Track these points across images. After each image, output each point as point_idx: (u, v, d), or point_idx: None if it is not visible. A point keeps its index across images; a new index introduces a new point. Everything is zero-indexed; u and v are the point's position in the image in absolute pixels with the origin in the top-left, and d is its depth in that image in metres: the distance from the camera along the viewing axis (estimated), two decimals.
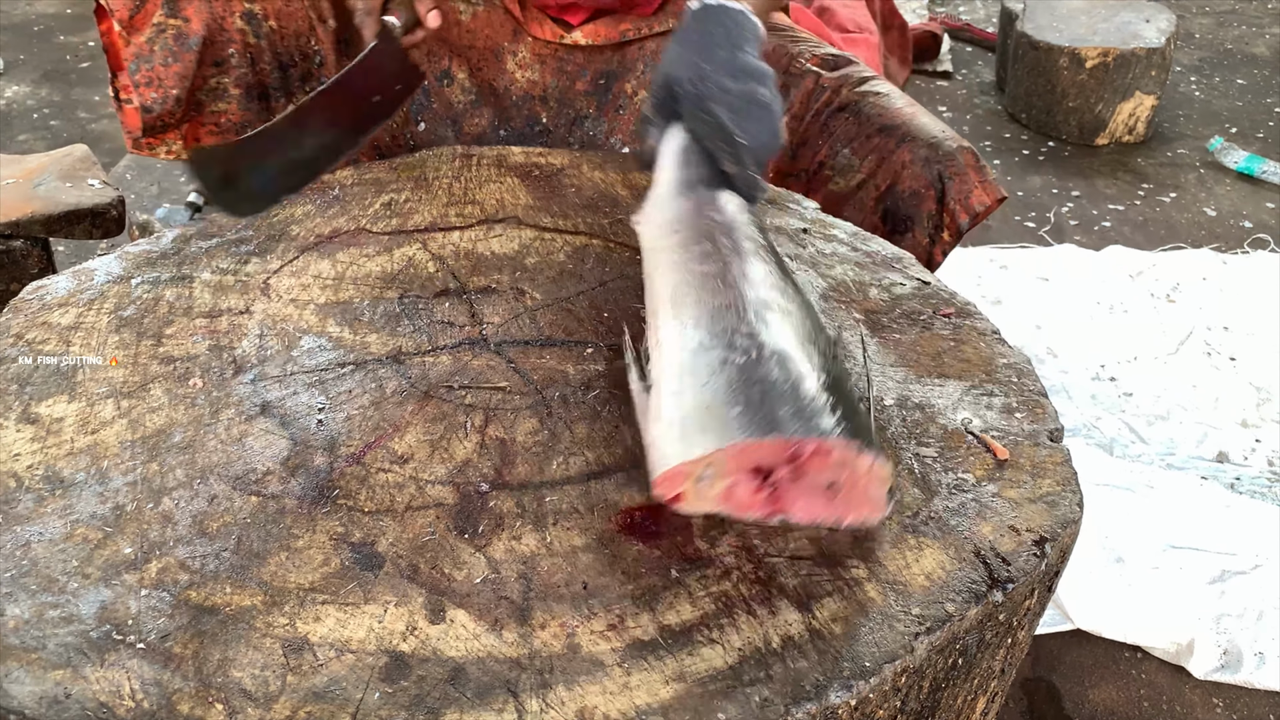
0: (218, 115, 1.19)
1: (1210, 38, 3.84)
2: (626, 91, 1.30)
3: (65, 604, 0.60)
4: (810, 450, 0.65)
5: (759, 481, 0.67)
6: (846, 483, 0.66)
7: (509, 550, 0.65)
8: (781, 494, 0.67)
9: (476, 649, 0.59)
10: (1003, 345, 0.88)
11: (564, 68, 1.30)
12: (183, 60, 1.13)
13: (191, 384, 0.78)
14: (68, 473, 0.69)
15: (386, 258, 0.95)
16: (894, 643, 0.60)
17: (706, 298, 0.76)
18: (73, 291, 0.88)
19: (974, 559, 0.66)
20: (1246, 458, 1.73)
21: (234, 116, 1.19)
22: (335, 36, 1.22)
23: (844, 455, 0.65)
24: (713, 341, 0.71)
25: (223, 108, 1.19)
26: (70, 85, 3.20)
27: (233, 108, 1.19)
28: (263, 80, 1.19)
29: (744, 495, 0.67)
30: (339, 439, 0.73)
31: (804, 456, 0.65)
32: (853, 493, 0.67)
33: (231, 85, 1.18)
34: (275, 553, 0.64)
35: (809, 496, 0.67)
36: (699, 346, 0.71)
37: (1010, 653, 0.72)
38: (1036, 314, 2.10)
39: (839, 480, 0.66)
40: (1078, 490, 0.73)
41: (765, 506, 0.67)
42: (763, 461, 0.66)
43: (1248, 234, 2.51)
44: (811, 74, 1.27)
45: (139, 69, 1.13)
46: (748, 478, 0.66)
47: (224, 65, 1.17)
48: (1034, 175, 2.81)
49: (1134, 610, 1.38)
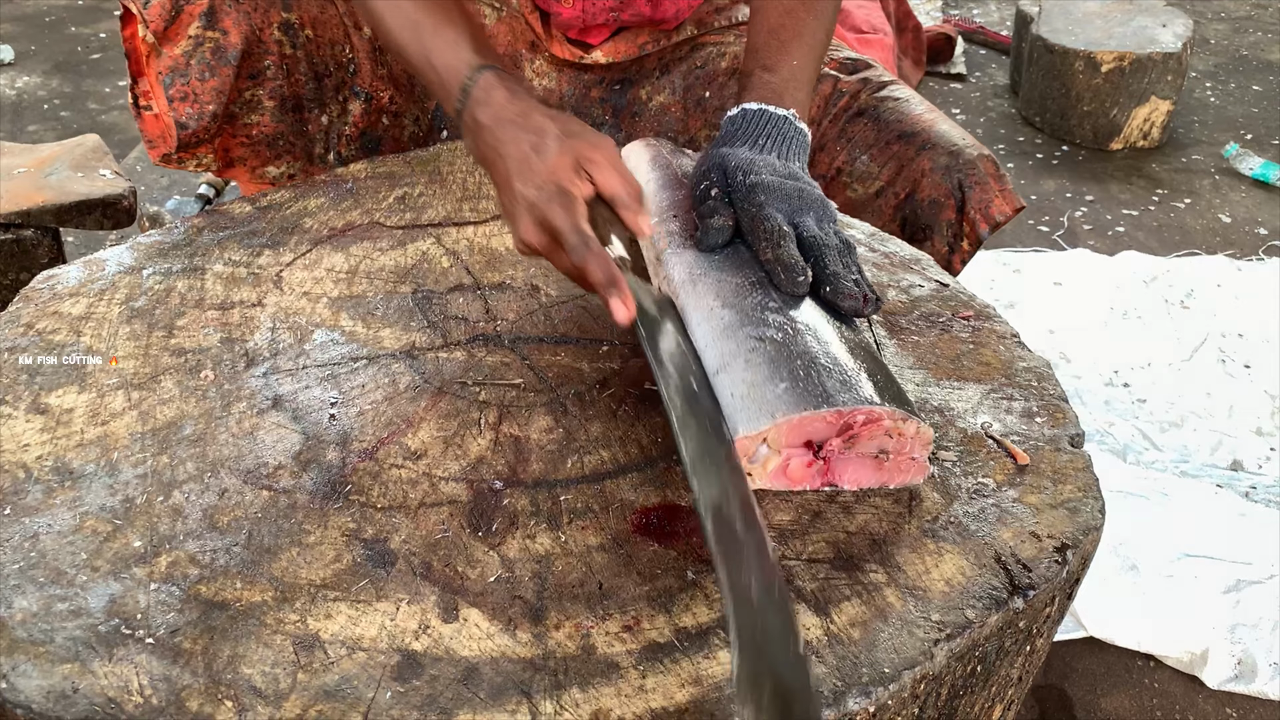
0: (250, 127, 1.15)
1: (1226, 43, 3.82)
2: (642, 98, 1.29)
3: (74, 597, 0.59)
4: (862, 420, 0.66)
5: (811, 455, 0.68)
6: (895, 449, 0.69)
7: (523, 549, 0.64)
8: (833, 464, 0.69)
9: (490, 649, 0.58)
10: (1022, 349, 0.87)
11: (580, 76, 1.29)
12: (220, 75, 1.09)
13: (203, 376, 0.77)
14: (77, 464, 0.69)
15: (400, 252, 0.94)
16: (913, 649, 0.59)
17: (727, 276, 0.76)
18: (84, 281, 0.88)
19: (994, 565, 0.65)
20: (1261, 466, 1.71)
21: (267, 129, 1.16)
22: (370, 44, 1.19)
23: (893, 422, 0.67)
24: (744, 319, 0.72)
25: (255, 120, 1.15)
26: (81, 76, 3.20)
27: (265, 119, 1.15)
28: (297, 91, 1.16)
29: (798, 469, 0.68)
30: (352, 434, 0.73)
31: (856, 426, 0.67)
32: (900, 458, 0.69)
33: (266, 97, 1.14)
34: (286, 548, 0.63)
35: (859, 464, 0.69)
36: (731, 325, 0.71)
37: (1028, 660, 0.71)
38: (1049, 319, 2.09)
39: (888, 447, 0.68)
40: (1099, 497, 0.72)
41: (818, 478, 0.69)
42: (815, 434, 0.67)
43: (1263, 241, 2.49)
44: (830, 77, 1.25)
45: (174, 83, 1.08)
46: (800, 451, 0.68)
47: (259, 78, 1.13)
48: (1048, 179, 2.80)
49: (1148, 618, 1.36)
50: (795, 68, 0.95)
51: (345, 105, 1.20)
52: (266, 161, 1.18)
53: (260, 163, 1.18)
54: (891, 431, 0.68)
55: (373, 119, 1.21)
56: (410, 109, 1.24)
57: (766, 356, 0.69)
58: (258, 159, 1.18)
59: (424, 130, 1.27)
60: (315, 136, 1.20)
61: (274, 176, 1.20)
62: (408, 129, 1.25)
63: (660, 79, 1.28)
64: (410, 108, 1.24)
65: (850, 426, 0.67)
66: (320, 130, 1.20)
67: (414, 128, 1.25)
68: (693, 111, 1.28)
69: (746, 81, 0.95)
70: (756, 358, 0.69)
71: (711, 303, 0.74)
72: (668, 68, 1.28)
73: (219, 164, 1.17)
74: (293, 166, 1.19)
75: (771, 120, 0.89)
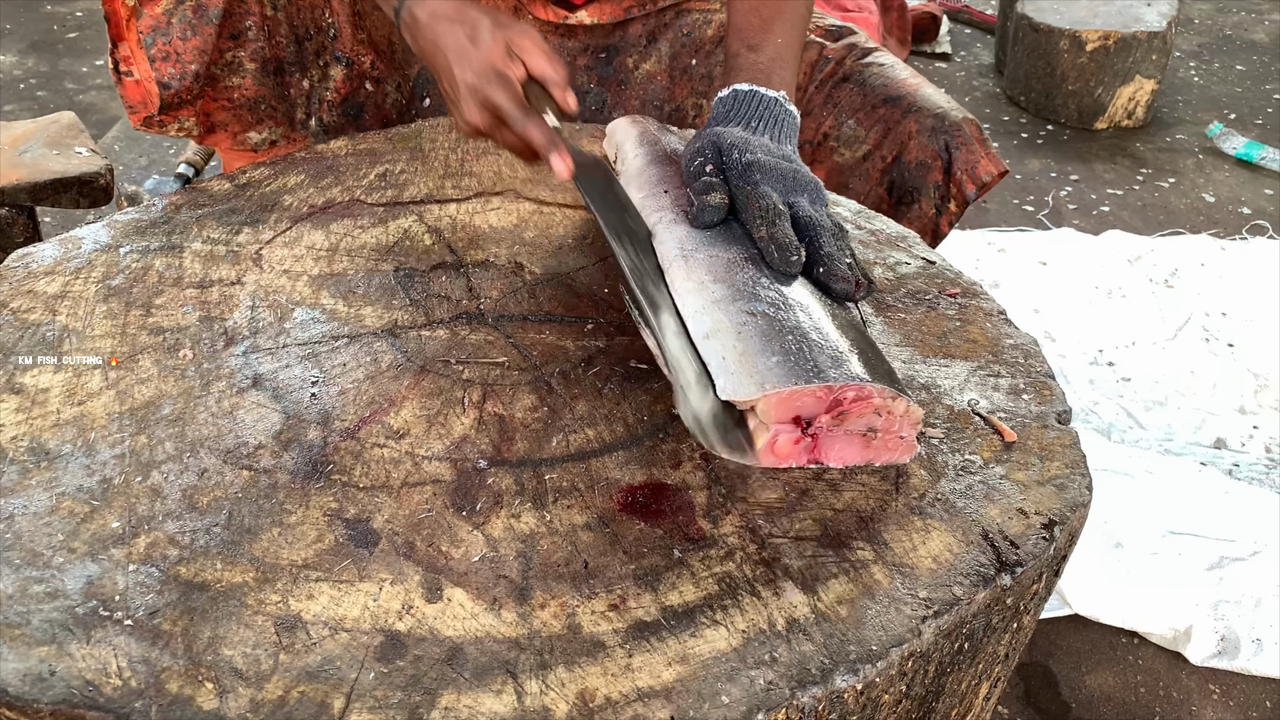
0: (231, 90, 1.14)
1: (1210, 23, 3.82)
2: (628, 66, 1.28)
3: (50, 579, 0.58)
4: (852, 396, 0.66)
5: (799, 431, 0.67)
6: (884, 427, 0.68)
7: (508, 528, 0.64)
8: (821, 441, 0.68)
9: (474, 629, 0.57)
10: (1009, 326, 0.86)
11: (565, 43, 1.28)
12: (202, 34, 1.08)
13: (181, 355, 0.76)
14: (53, 444, 0.68)
15: (382, 230, 0.93)
16: (901, 626, 0.59)
17: (719, 253, 0.76)
18: (59, 260, 0.86)
19: (982, 542, 0.65)
20: (1244, 444, 1.72)
21: (248, 91, 1.15)
22: (350, 8, 1.18)
23: (882, 400, 0.67)
24: (736, 294, 0.72)
25: (236, 82, 1.14)
26: (58, 56, 3.16)
27: (247, 82, 1.14)
28: (278, 54, 1.15)
29: (785, 445, 0.67)
30: (333, 413, 0.72)
31: (846, 403, 0.66)
32: (888, 436, 0.69)
33: (247, 59, 1.13)
34: (267, 528, 0.62)
35: (846, 442, 0.69)
36: (723, 299, 0.71)
37: (1016, 637, 0.71)
38: (1034, 298, 2.09)
39: (876, 425, 0.68)
40: (1086, 473, 0.72)
41: (804, 455, 0.68)
42: (804, 410, 0.66)
43: (1246, 220, 2.50)
44: (815, 44, 1.25)
45: (155, 42, 1.07)
46: (789, 427, 0.67)
47: (240, 38, 1.12)
48: (1032, 159, 2.80)
49: (1132, 596, 1.37)
50: (780, 46, 0.95)
51: (326, 70, 1.19)
52: (248, 127, 1.17)
53: (242, 128, 1.17)
54: (880, 410, 0.67)
55: (354, 85, 1.20)
56: (392, 76, 1.23)
57: (758, 330, 0.69)
58: (239, 124, 1.17)
59: (406, 98, 1.25)
60: (297, 101, 1.19)
61: (255, 143, 1.18)
62: (390, 96, 1.24)
63: (647, 47, 1.27)
64: (392, 74, 1.23)
65: (840, 403, 0.66)
66: (302, 95, 1.19)
67: (396, 94, 1.24)
68: (679, 80, 1.27)
69: (734, 61, 0.94)
70: (748, 330, 0.69)
71: (703, 277, 0.74)
72: (654, 35, 1.27)
73: (200, 129, 1.15)
74: (274, 133, 1.18)
75: (763, 102, 0.88)
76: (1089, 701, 1.30)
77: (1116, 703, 1.30)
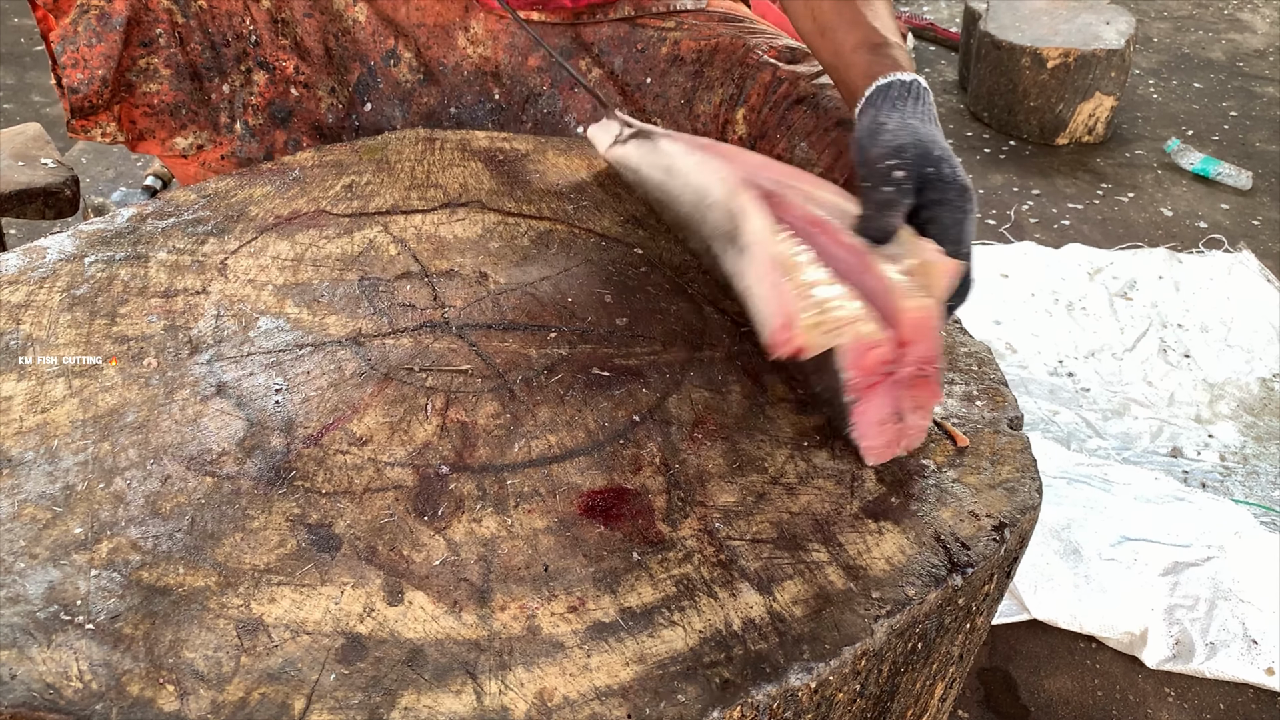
0: (150, 96, 1.18)
1: (1168, 41, 3.90)
2: (581, 69, 1.29)
3: (11, 584, 0.58)
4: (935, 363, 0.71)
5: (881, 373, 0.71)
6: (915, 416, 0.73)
7: (469, 532, 0.65)
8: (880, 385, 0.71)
9: (435, 631, 0.58)
10: (964, 334, 0.88)
11: (516, 44, 1.29)
12: (107, 40, 1.13)
13: (146, 364, 0.77)
14: (16, 451, 0.68)
15: (347, 240, 0.94)
16: (854, 625, 0.60)
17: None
18: (23, 269, 0.86)
19: (934, 543, 0.66)
20: (1200, 453, 1.76)
21: (166, 97, 1.19)
22: (269, 15, 1.21)
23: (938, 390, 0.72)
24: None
25: (154, 88, 1.18)
26: (24, 69, 3.14)
27: (164, 88, 1.18)
28: (193, 60, 1.19)
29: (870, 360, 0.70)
30: (296, 420, 0.72)
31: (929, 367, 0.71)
32: (908, 428, 0.73)
33: (161, 65, 1.17)
34: (230, 534, 0.63)
35: (885, 409, 0.72)
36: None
37: (969, 638, 0.73)
38: (996, 309, 2.12)
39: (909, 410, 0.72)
40: (1037, 477, 0.73)
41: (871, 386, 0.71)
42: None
43: (1203, 234, 2.55)
44: (769, 66, 1.26)
45: (64, 50, 1.12)
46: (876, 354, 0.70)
47: (152, 45, 1.16)
48: (995, 173, 2.84)
49: (1089, 601, 1.39)
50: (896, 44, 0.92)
51: (249, 75, 1.22)
52: (173, 132, 1.21)
53: (167, 134, 1.21)
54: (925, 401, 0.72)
55: (279, 90, 1.23)
56: (324, 80, 1.25)
57: None
58: (164, 129, 1.20)
59: (343, 103, 1.26)
60: (219, 106, 1.22)
61: (183, 148, 1.22)
62: (324, 101, 1.25)
63: (600, 56, 1.28)
64: (323, 79, 1.24)
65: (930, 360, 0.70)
66: (224, 99, 1.22)
67: (331, 99, 1.26)
68: (632, 94, 1.29)
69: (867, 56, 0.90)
70: None
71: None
72: (606, 48, 1.28)
73: (128, 136, 1.19)
74: (199, 136, 1.22)
75: (923, 93, 0.84)
76: (1048, 705, 1.32)
77: (1074, 706, 1.32)
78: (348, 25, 1.25)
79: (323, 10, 1.24)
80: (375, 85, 1.27)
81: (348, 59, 1.26)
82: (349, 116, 1.27)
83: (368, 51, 1.25)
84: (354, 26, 1.25)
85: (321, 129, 1.26)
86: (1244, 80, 3.55)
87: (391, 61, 1.27)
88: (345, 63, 1.26)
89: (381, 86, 1.28)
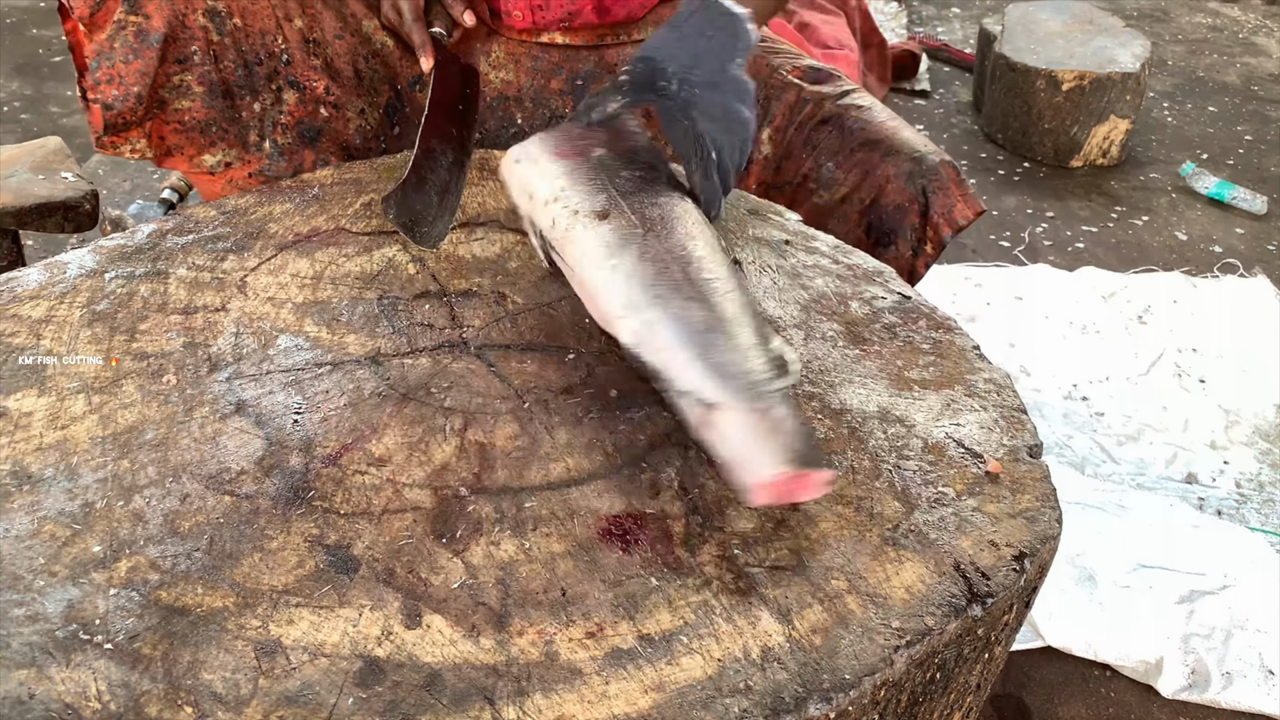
0: (181, 113, 1.18)
1: (1183, 65, 3.90)
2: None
3: (31, 602, 0.58)
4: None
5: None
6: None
7: (487, 556, 0.64)
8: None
9: (453, 655, 0.58)
10: (983, 360, 0.88)
11: (539, 67, 1.30)
12: (144, 57, 1.13)
13: (165, 381, 0.77)
14: (36, 468, 0.68)
15: (366, 258, 0.94)
16: (873, 655, 0.60)
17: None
18: (44, 284, 0.87)
19: (954, 573, 0.66)
20: (1215, 479, 1.74)
21: (198, 114, 1.19)
22: (301, 35, 1.22)
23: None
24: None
25: (186, 105, 1.18)
26: (42, 79, 3.16)
27: (196, 105, 1.19)
28: (226, 78, 1.19)
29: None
30: (315, 440, 0.72)
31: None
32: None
33: (194, 82, 1.18)
34: (248, 554, 0.63)
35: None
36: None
37: (987, 668, 0.72)
38: (1010, 332, 2.12)
39: None
40: (1057, 506, 0.73)
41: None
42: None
43: (1217, 258, 2.54)
44: (794, 86, 1.27)
45: (100, 66, 1.13)
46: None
47: (186, 62, 1.17)
48: (1009, 195, 2.84)
49: (1104, 628, 1.38)
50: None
51: (280, 94, 1.23)
52: (202, 149, 1.21)
53: (196, 150, 1.21)
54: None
55: (309, 109, 1.23)
56: (353, 101, 1.25)
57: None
58: (193, 146, 1.21)
59: (372, 124, 1.27)
60: (249, 124, 1.22)
61: (210, 165, 1.22)
62: (353, 121, 1.26)
63: None
64: (353, 100, 1.25)
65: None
66: (254, 117, 1.22)
67: (360, 120, 1.26)
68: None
69: None
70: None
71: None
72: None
73: (156, 152, 1.20)
74: (228, 154, 1.22)
75: (724, 14, 0.91)
76: None
77: None
78: (378, 48, 1.25)
79: (353, 32, 1.24)
80: (402, 109, 1.28)
81: (377, 81, 1.26)
82: (377, 139, 1.27)
83: (397, 75, 1.26)
84: (384, 50, 1.25)
85: (349, 150, 1.26)
86: (1259, 104, 3.54)
87: (417, 87, 1.28)
88: (375, 85, 1.26)
89: (408, 111, 1.28)
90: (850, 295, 0.95)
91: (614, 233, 0.83)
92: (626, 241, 0.82)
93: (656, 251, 0.81)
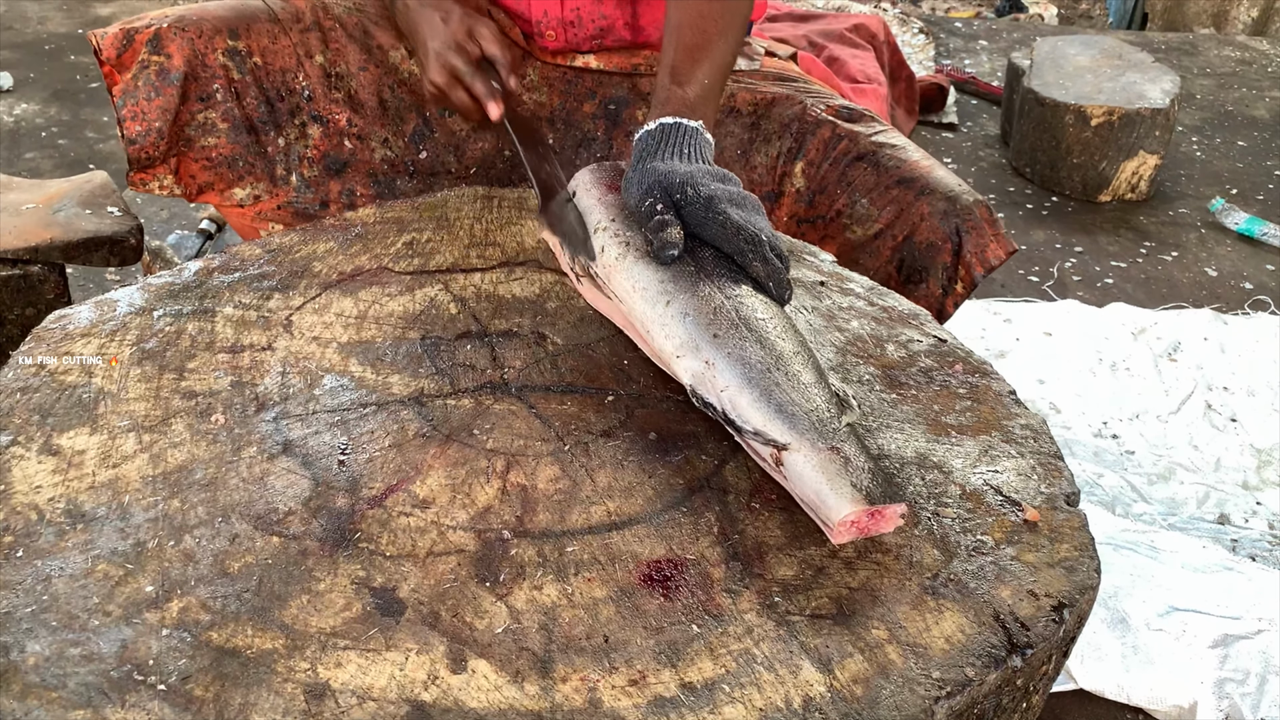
0: (208, 150, 1.24)
1: (1212, 99, 3.89)
2: (638, 118, 1.31)
3: (86, 641, 0.60)
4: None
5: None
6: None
7: (530, 600, 0.65)
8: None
9: (498, 701, 0.58)
10: (1019, 406, 0.88)
11: (572, 90, 1.32)
12: (165, 94, 1.19)
13: (213, 420, 0.78)
14: (89, 507, 0.69)
15: (409, 298, 0.95)
16: (914, 706, 0.60)
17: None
18: (95, 322, 0.89)
19: (993, 623, 0.66)
20: (1247, 520, 1.73)
21: (224, 150, 1.24)
22: (322, 70, 1.26)
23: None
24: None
25: (212, 142, 1.24)
26: (79, 105, 3.22)
27: (221, 141, 1.24)
28: (249, 115, 1.24)
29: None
30: (361, 481, 0.73)
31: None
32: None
33: (219, 119, 1.23)
34: (296, 595, 0.64)
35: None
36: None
37: (1024, 716, 0.72)
38: (1039, 369, 2.11)
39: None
40: (1095, 556, 0.73)
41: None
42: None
43: (1248, 295, 2.53)
44: (828, 123, 1.28)
45: (125, 104, 1.19)
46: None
47: (209, 100, 1.22)
48: (1038, 230, 2.84)
49: (1137, 672, 1.37)
50: (706, 86, 1.03)
51: (304, 129, 1.28)
52: (231, 184, 1.26)
53: (225, 185, 1.26)
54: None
55: (333, 142, 1.27)
56: (377, 131, 1.29)
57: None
58: (222, 181, 1.26)
59: (397, 153, 1.30)
60: (275, 158, 1.27)
61: (241, 199, 1.27)
62: (378, 151, 1.29)
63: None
64: (376, 130, 1.29)
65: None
66: (279, 152, 1.27)
67: (385, 150, 1.30)
68: None
69: (663, 95, 1.02)
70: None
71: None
72: None
73: (187, 189, 1.25)
74: (257, 188, 1.27)
75: (687, 132, 0.95)
76: None
77: None
78: (404, 77, 1.28)
79: (378, 64, 1.27)
80: (430, 135, 1.31)
81: (403, 109, 1.29)
82: (404, 164, 1.30)
83: (423, 101, 1.29)
84: (411, 78, 1.28)
85: (376, 178, 1.29)
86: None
87: (447, 112, 1.30)
88: (401, 113, 1.29)
89: (437, 135, 1.31)
90: (886, 338, 0.96)
91: (668, 269, 0.85)
92: (680, 279, 0.84)
93: (710, 290, 0.83)
